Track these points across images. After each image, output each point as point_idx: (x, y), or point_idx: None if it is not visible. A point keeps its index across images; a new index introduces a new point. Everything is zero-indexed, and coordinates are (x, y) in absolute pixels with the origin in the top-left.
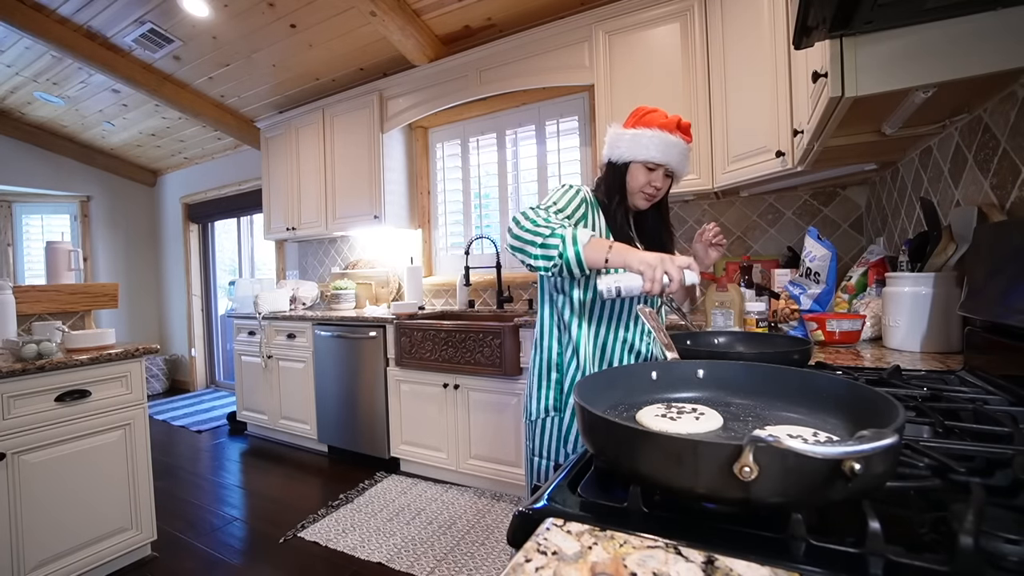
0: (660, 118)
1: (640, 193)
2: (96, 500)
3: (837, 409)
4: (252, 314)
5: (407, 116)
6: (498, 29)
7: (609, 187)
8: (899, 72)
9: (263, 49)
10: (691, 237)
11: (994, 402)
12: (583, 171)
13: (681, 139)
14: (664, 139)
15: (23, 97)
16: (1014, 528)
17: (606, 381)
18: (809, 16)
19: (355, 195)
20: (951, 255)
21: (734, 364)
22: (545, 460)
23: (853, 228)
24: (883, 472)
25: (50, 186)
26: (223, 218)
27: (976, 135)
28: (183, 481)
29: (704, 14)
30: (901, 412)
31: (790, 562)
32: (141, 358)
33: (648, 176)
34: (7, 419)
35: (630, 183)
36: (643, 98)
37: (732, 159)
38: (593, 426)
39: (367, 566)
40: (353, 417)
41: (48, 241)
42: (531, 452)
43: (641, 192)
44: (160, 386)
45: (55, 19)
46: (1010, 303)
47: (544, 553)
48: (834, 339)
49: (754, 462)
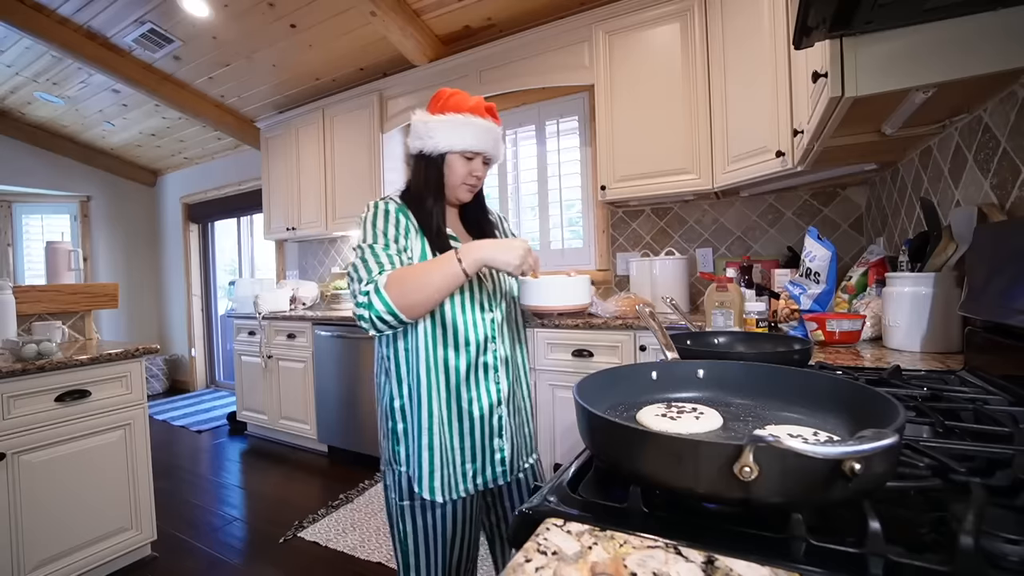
0: (467, 100)
1: (463, 185)
2: (96, 500)
3: (837, 409)
4: (252, 314)
5: (407, 116)
6: (498, 29)
7: (424, 183)
8: (899, 72)
9: (263, 49)
10: (691, 238)
11: (994, 402)
12: (583, 171)
13: (492, 123)
14: (478, 124)
15: (23, 97)
16: (1014, 528)
17: (606, 381)
18: (809, 16)
19: (355, 195)
20: (951, 255)
21: (734, 364)
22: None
23: (853, 228)
24: (883, 472)
25: (50, 186)
26: (223, 218)
27: (976, 135)
28: (183, 481)
29: (704, 14)
30: (901, 412)
31: (790, 562)
32: (141, 358)
33: (468, 166)
34: (7, 419)
35: (449, 176)
36: (643, 98)
37: (732, 159)
38: (593, 426)
39: (367, 566)
40: (353, 417)
41: (48, 241)
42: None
43: (464, 184)
44: (160, 386)
45: (55, 19)
46: (1010, 303)
47: (544, 553)
48: (834, 339)
49: (754, 462)
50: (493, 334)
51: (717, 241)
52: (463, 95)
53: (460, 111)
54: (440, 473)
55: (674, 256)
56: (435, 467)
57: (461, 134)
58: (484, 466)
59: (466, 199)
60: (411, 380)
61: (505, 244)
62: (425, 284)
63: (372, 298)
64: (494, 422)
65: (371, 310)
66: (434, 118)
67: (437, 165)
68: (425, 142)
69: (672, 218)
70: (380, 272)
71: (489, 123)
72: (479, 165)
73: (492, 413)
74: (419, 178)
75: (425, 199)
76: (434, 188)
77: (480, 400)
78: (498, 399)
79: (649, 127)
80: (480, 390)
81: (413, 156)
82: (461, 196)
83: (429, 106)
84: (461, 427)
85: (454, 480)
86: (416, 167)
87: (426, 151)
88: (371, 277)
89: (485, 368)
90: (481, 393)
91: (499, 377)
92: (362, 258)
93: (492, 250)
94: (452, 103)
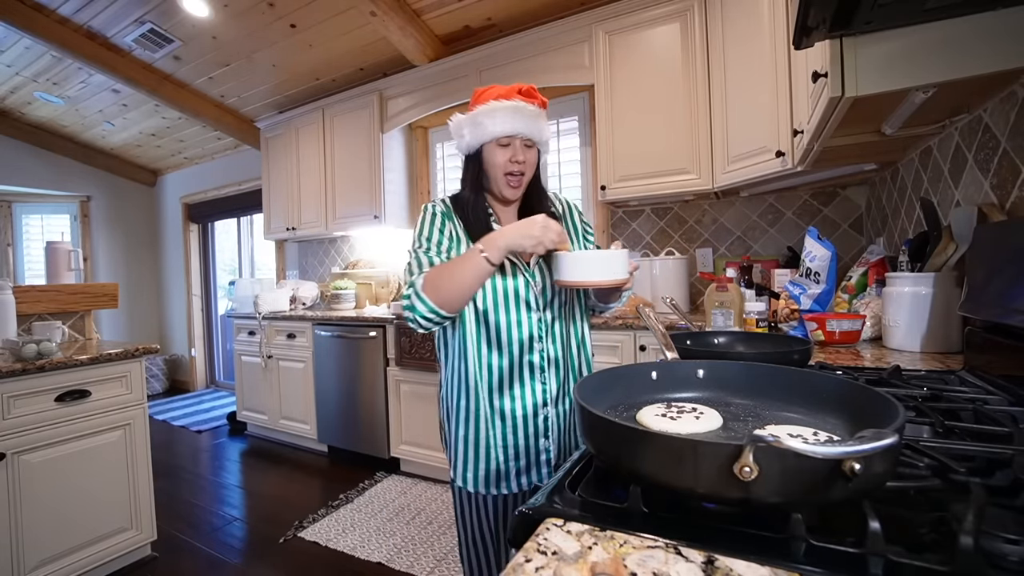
0: (497, 90)
1: (504, 177)
2: (96, 500)
3: (837, 409)
4: (252, 314)
5: (407, 116)
6: (498, 29)
7: (466, 181)
8: (899, 72)
9: (263, 49)
10: (691, 238)
11: (994, 402)
12: (583, 171)
13: (524, 101)
14: (506, 106)
15: (23, 97)
16: (1014, 528)
17: (606, 381)
18: (809, 16)
19: (355, 195)
20: (951, 255)
21: (734, 364)
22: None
23: (853, 228)
24: (883, 472)
25: (50, 186)
26: (223, 218)
27: (976, 135)
28: (183, 481)
29: (704, 14)
30: (901, 412)
31: (790, 562)
32: (141, 358)
33: (505, 153)
34: (7, 419)
35: (490, 169)
36: (643, 98)
37: (732, 159)
38: (593, 426)
39: (367, 566)
40: (353, 417)
41: (48, 241)
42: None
43: (506, 175)
44: (160, 386)
45: (55, 19)
46: (1010, 303)
47: (544, 553)
48: (834, 339)
49: (754, 462)
50: (540, 334)
51: (717, 241)
52: (495, 87)
53: (485, 101)
54: (477, 466)
55: (674, 256)
56: (469, 459)
57: (491, 121)
58: (530, 466)
59: (511, 195)
60: (454, 374)
61: (522, 225)
62: (455, 280)
63: (413, 300)
64: (539, 423)
65: (414, 311)
66: (465, 116)
67: (476, 160)
68: (460, 142)
69: (672, 218)
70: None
71: (518, 102)
72: (518, 149)
73: (537, 414)
74: (463, 178)
75: (467, 196)
76: (474, 185)
77: (524, 400)
78: (544, 400)
79: (649, 127)
80: (524, 390)
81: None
82: (505, 192)
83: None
84: (504, 425)
85: (496, 476)
86: (463, 169)
87: (462, 149)
88: (412, 280)
89: (531, 368)
90: (525, 393)
91: (547, 377)
92: (408, 263)
93: (512, 235)
94: (482, 98)
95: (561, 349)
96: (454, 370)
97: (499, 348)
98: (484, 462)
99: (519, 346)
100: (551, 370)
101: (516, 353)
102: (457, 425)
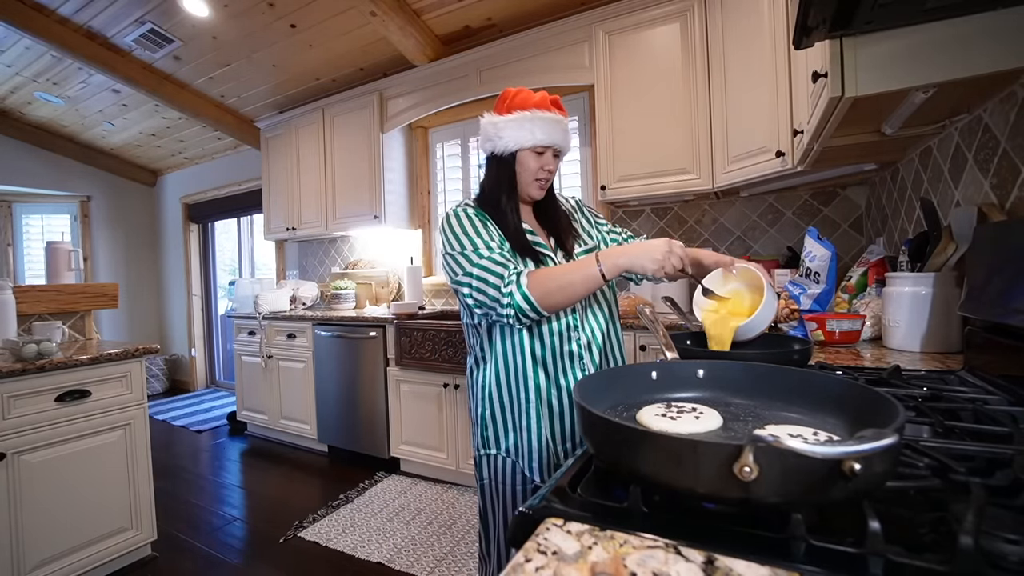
0: (533, 97)
1: (534, 182)
2: (96, 500)
3: (837, 409)
4: (252, 314)
5: (407, 116)
6: (498, 29)
7: (497, 183)
8: (899, 72)
9: (263, 49)
10: (691, 238)
11: (994, 402)
12: (583, 171)
13: (559, 114)
14: (546, 118)
15: (23, 97)
16: (1014, 528)
17: (606, 381)
18: (809, 16)
19: (355, 195)
20: (951, 255)
21: (734, 364)
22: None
23: (853, 228)
24: (883, 472)
25: (50, 186)
26: (223, 218)
27: (976, 135)
28: (183, 481)
29: (704, 14)
30: (901, 412)
31: (790, 562)
32: (141, 358)
33: (539, 161)
34: (7, 419)
35: (521, 174)
36: (643, 98)
37: (732, 159)
38: (593, 426)
39: (367, 566)
40: (353, 417)
41: (48, 241)
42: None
43: (535, 181)
44: (160, 386)
45: (55, 19)
46: (1010, 303)
47: (544, 553)
48: (834, 339)
49: (754, 462)
50: (575, 322)
51: (717, 241)
52: (527, 92)
53: (526, 107)
54: (538, 456)
55: None
56: (532, 449)
57: (530, 129)
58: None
59: (538, 196)
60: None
61: (644, 248)
62: (567, 286)
63: (516, 298)
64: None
65: (516, 308)
66: (502, 118)
67: (509, 164)
68: (495, 143)
69: (672, 218)
70: (510, 271)
71: (556, 115)
72: (550, 159)
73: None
74: (492, 179)
75: (500, 199)
76: (507, 187)
77: (569, 387)
78: None
79: (649, 127)
80: (568, 378)
81: (486, 159)
82: (533, 193)
83: (496, 108)
84: (551, 412)
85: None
86: (488, 169)
87: (497, 151)
88: (507, 278)
89: (571, 356)
90: (569, 380)
91: (586, 364)
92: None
93: (635, 254)
94: (518, 101)
95: (601, 334)
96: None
97: (541, 338)
98: (545, 450)
99: (559, 335)
100: (588, 356)
101: (557, 342)
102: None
